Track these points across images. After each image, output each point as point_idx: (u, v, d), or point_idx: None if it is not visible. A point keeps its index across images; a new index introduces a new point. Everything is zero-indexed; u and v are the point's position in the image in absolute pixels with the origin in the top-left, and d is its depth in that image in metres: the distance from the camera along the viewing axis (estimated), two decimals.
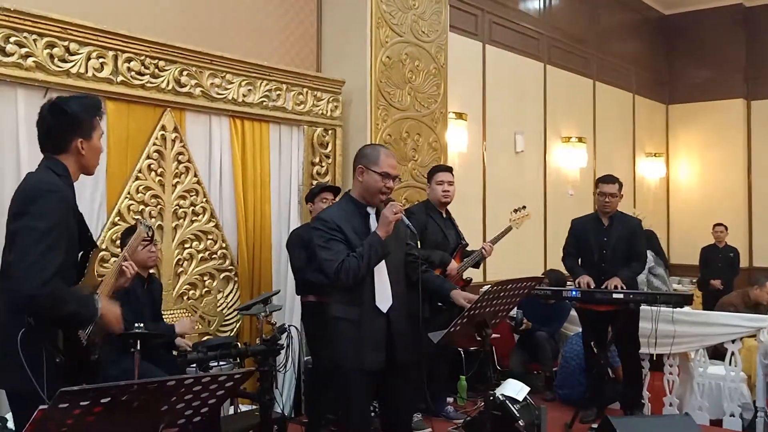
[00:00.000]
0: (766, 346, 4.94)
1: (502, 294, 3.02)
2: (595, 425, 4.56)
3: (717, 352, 5.48)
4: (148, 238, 2.93)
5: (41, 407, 1.70)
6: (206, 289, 4.72)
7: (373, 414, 3.67)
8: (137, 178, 4.31)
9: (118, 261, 2.65)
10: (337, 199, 4.50)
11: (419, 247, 3.43)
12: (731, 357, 5.14)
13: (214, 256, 4.75)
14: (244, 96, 4.79)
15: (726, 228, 8.78)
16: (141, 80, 4.24)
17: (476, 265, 4.98)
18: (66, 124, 2.43)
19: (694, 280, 8.82)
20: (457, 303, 3.30)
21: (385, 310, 3.11)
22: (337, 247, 3.04)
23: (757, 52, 10.07)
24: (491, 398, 3.37)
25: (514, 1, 7.70)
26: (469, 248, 5.00)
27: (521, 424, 4.09)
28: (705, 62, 10.34)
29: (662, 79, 10.64)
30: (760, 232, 10.02)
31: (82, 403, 1.74)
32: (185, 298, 4.60)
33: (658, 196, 10.41)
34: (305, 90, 5.17)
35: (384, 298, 3.12)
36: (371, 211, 3.21)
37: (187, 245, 4.60)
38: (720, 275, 8.48)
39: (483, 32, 7.19)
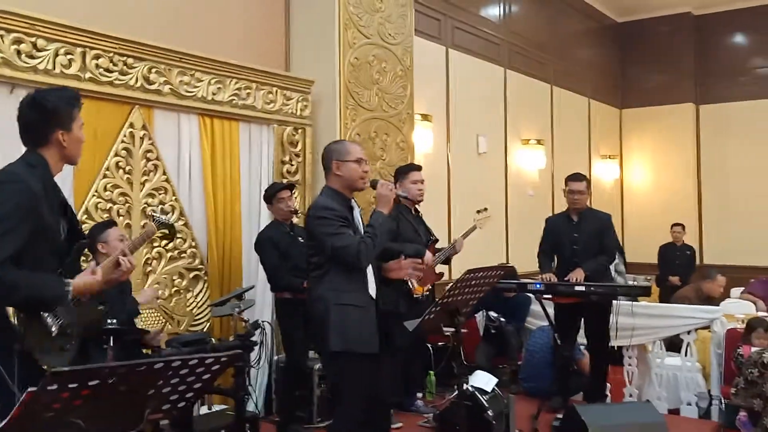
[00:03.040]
0: (720, 337, 5.16)
1: (473, 282, 3.12)
2: (560, 415, 4.68)
3: (673, 345, 5.68)
4: (171, 236, 2.96)
5: (30, 389, 1.69)
6: (175, 288, 4.70)
7: None
8: (105, 176, 4.29)
9: (116, 253, 2.66)
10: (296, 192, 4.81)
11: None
12: (687, 348, 5.34)
13: (183, 255, 4.74)
14: (213, 94, 4.80)
15: (684, 227, 9.14)
16: (109, 77, 4.23)
17: (446, 261, 5.11)
18: (45, 117, 2.46)
19: (649, 278, 9.09)
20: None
21: (374, 296, 3.27)
22: (348, 231, 3.17)
23: (706, 58, 10.47)
24: (463, 388, 3.45)
25: (476, 7, 7.86)
26: (438, 245, 5.13)
27: (490, 414, 4.19)
28: (656, 68, 10.71)
29: (616, 84, 10.96)
30: (709, 230, 10.39)
31: (70, 386, 1.73)
32: (140, 290, 4.56)
33: (613, 197, 10.70)
34: (275, 89, 5.21)
35: (371, 284, 3.27)
36: (354, 204, 3.37)
37: (155, 244, 4.57)
38: (678, 272, 8.81)
39: (446, 37, 7.33)
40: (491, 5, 8.16)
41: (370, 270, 3.26)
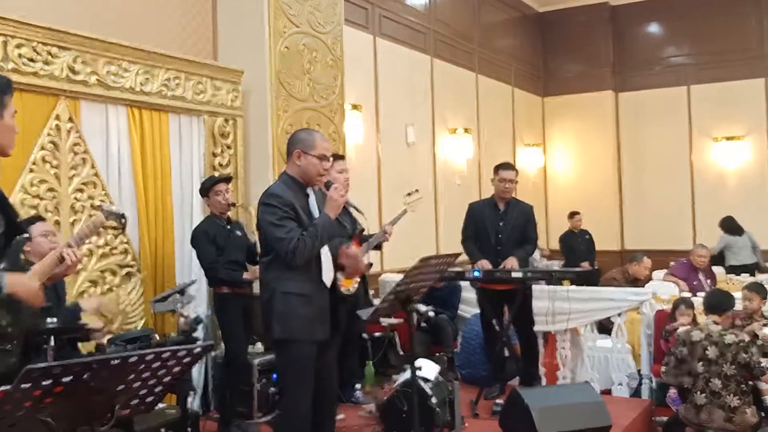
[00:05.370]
0: (649, 318, 5.38)
1: (426, 269, 3.16)
2: (499, 401, 4.78)
3: (603, 327, 5.89)
4: (121, 226, 2.82)
5: (3, 388, 1.63)
6: (108, 286, 4.53)
7: None
8: (31, 171, 4.10)
9: (59, 247, 2.52)
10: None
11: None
12: (618, 330, 5.54)
13: (114, 251, 4.58)
14: (141, 85, 4.64)
15: (579, 214, 9.54)
16: (33, 67, 4.04)
17: (378, 248, 5.08)
18: None
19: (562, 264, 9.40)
20: None
21: (329, 285, 3.26)
22: (291, 224, 3.13)
23: (623, 47, 10.87)
24: (416, 375, 3.47)
25: None
26: (366, 233, 5.08)
27: (434, 401, 4.24)
28: (576, 57, 11.05)
29: (538, 73, 11.24)
30: (629, 216, 10.80)
31: (44, 383, 1.68)
32: (86, 296, 4.39)
33: (537, 185, 10.98)
34: (204, 79, 5.08)
35: (328, 273, 3.26)
36: (310, 192, 3.35)
37: (86, 241, 4.37)
38: (584, 258, 9.14)
39: (374, 25, 7.33)
40: None
41: (327, 257, 3.25)
